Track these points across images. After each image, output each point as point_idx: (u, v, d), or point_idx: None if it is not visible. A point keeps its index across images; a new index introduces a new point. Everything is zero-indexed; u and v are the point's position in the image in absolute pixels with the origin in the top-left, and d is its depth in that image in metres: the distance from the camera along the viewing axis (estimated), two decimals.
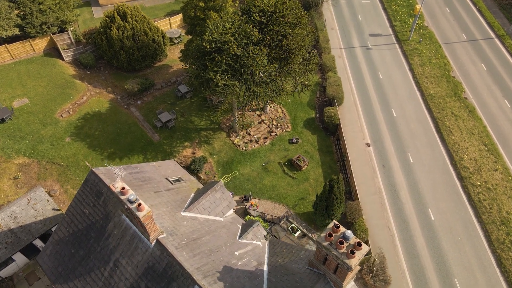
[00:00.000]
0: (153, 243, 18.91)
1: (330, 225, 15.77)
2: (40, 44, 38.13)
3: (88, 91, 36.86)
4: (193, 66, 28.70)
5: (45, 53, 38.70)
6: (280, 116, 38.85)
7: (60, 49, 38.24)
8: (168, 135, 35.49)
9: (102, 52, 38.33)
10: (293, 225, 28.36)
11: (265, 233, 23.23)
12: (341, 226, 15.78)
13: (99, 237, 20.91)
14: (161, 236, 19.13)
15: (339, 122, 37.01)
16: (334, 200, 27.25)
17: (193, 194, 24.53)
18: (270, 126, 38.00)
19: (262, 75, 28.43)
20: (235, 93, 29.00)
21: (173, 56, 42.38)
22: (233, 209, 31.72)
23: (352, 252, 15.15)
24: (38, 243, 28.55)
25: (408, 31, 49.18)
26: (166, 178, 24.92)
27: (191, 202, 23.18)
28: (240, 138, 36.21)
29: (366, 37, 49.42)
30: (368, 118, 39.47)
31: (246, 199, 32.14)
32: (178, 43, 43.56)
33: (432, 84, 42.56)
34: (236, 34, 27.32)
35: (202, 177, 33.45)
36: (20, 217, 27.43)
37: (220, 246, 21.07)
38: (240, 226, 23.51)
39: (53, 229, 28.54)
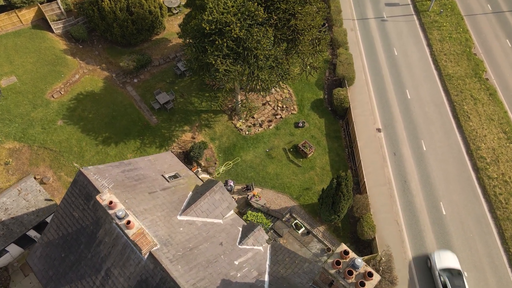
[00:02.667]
0: (145, 256, 17.55)
1: (339, 250, 14.22)
2: (28, 15, 35.11)
3: (81, 68, 34.36)
4: (192, 49, 26.03)
5: (33, 25, 35.77)
6: (286, 97, 36.37)
7: (49, 21, 35.28)
8: (166, 118, 33.38)
9: (94, 25, 35.35)
10: (296, 221, 26.97)
11: (267, 237, 21.82)
12: (350, 252, 14.23)
13: (89, 243, 19.61)
14: (154, 248, 17.74)
15: (349, 106, 34.55)
16: (341, 197, 25.60)
17: (191, 193, 22.92)
18: (275, 108, 35.66)
19: (268, 60, 25.79)
20: (237, 78, 26.51)
21: (172, 28, 39.23)
22: (235, 199, 30.39)
23: (362, 284, 13.68)
24: (33, 233, 27.55)
25: (428, 0, 45.08)
26: (162, 175, 23.21)
27: (189, 204, 21.61)
28: (243, 121, 34.05)
29: (381, 7, 45.48)
30: (380, 100, 36.89)
31: (248, 188, 30.60)
32: (177, 13, 40.19)
33: (451, 62, 39.39)
34: (239, 14, 24.39)
35: (203, 164, 31.77)
36: (11, 208, 26.21)
37: (219, 255, 19.73)
38: (241, 229, 22.07)
39: (47, 220, 27.53)
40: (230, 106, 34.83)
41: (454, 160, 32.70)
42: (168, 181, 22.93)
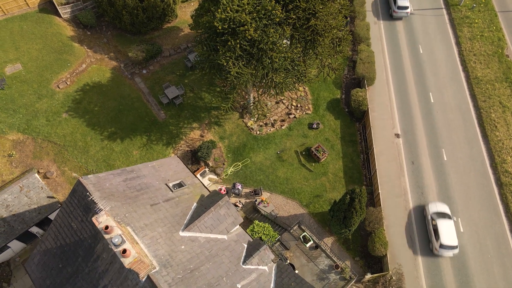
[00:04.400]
0: (143, 279, 16.63)
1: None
2: None
3: (88, 57, 32.92)
4: (203, 47, 24.28)
5: (40, 8, 34.18)
6: (301, 96, 34.50)
7: (56, 4, 33.65)
8: (175, 113, 32.01)
9: (103, 11, 33.61)
10: (305, 233, 25.77)
11: (272, 256, 20.71)
12: None
13: (87, 257, 18.79)
14: (153, 271, 16.80)
15: (367, 109, 32.58)
16: (354, 213, 24.21)
17: (195, 204, 21.79)
18: (289, 107, 33.90)
19: (284, 62, 23.95)
20: (250, 80, 24.81)
21: (184, 16, 37.22)
22: (242, 204, 29.29)
23: None
24: (35, 229, 27.06)
25: None
26: (166, 184, 22.06)
27: (192, 218, 20.51)
28: (255, 120, 32.47)
29: None
30: (400, 103, 34.74)
31: (256, 193, 29.39)
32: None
33: (481, 64, 36.71)
34: (255, 13, 22.42)
35: (210, 164, 30.55)
36: (12, 205, 25.59)
37: (221, 277, 18.73)
38: (246, 246, 20.96)
39: (49, 217, 26.94)
40: (242, 103, 33.21)
41: (476, 173, 30.78)
42: (172, 191, 21.80)
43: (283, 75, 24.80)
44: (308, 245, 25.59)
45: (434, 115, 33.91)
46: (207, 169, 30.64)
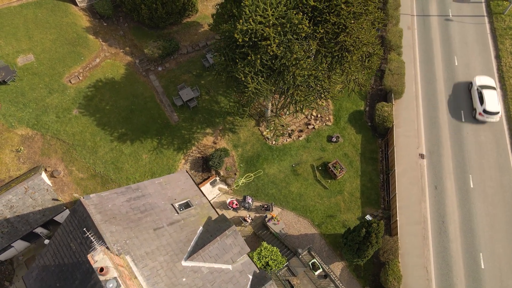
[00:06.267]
0: None
1: None
2: None
3: (102, 51, 31.53)
4: (221, 57, 22.54)
5: None
6: (322, 105, 32.48)
7: None
8: (188, 117, 30.61)
9: (120, 1, 31.96)
10: (314, 260, 24.48)
11: None
12: None
13: (84, 281, 17.94)
14: None
15: (392, 126, 30.47)
16: (369, 247, 22.72)
17: (201, 228, 20.64)
18: (309, 116, 32.05)
19: (307, 80, 22.09)
20: (269, 96, 23.09)
21: (205, 10, 35.20)
22: (251, 219, 28.08)
23: None
24: (39, 229, 26.59)
25: (505, 1, 38.36)
26: (172, 204, 20.91)
27: (197, 245, 19.42)
28: (271, 129, 30.81)
29: (448, 2, 39.23)
30: (428, 120, 32.43)
31: (267, 208, 28.11)
32: None
33: None
34: (279, 26, 20.44)
35: (222, 173, 29.28)
36: (16, 206, 25.02)
37: None
38: (251, 278, 19.82)
39: (54, 218, 26.39)
40: (259, 109, 31.52)
41: (505, 205, 28.64)
42: (178, 212, 20.66)
43: (305, 92, 22.94)
44: (317, 273, 24.34)
45: (464, 136, 31.57)
46: (217, 178, 29.43)
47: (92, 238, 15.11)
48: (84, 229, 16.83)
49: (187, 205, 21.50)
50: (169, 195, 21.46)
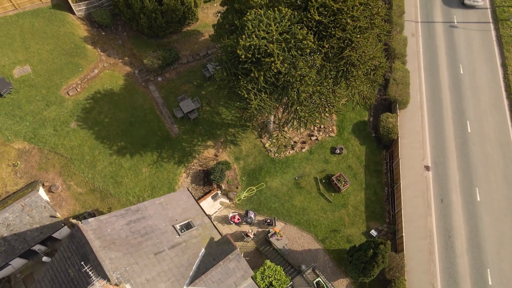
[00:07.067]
0: None
1: None
2: None
3: (101, 61, 30.83)
4: (223, 72, 21.88)
5: (53, 4, 31.94)
6: (325, 118, 31.81)
7: (70, 1, 31.36)
8: (189, 129, 29.96)
9: (119, 11, 31.22)
10: (319, 279, 23.90)
11: None
12: None
13: None
14: None
15: (397, 137, 29.86)
16: (375, 267, 22.15)
17: (203, 251, 20.04)
18: (311, 127, 31.40)
19: (312, 96, 21.47)
20: (272, 112, 22.46)
21: (205, 18, 34.47)
22: (254, 234, 27.50)
23: None
24: (36, 246, 25.97)
25: (511, 7, 37.70)
26: (173, 226, 20.30)
27: (199, 269, 18.84)
28: (274, 141, 30.21)
29: (453, 8, 38.49)
30: (434, 131, 31.81)
31: (270, 223, 27.51)
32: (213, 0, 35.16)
33: None
34: (283, 42, 19.77)
35: (223, 187, 28.67)
36: (13, 224, 24.40)
37: None
38: None
39: (53, 235, 25.79)
40: (261, 120, 30.87)
41: None
42: (179, 234, 20.07)
43: (309, 108, 22.31)
44: None
45: (470, 147, 30.96)
46: (219, 192, 28.82)
47: (90, 272, 14.48)
48: (82, 263, 16.18)
49: (188, 226, 20.90)
50: (170, 215, 20.85)
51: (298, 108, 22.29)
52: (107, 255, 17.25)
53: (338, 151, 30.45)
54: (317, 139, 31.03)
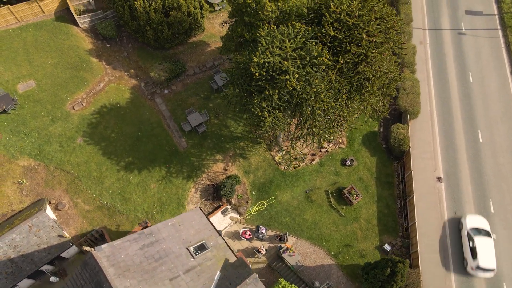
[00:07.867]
0: None
1: None
2: (51, 4, 30.67)
3: (106, 74, 30.28)
4: (235, 89, 21.38)
5: (56, 16, 31.37)
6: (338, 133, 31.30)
7: (74, 14, 30.79)
8: (197, 143, 29.44)
9: (124, 23, 30.67)
10: None
11: None
12: None
13: None
14: None
15: (409, 149, 29.43)
16: (393, 286, 21.68)
17: (218, 273, 19.52)
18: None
19: (326, 113, 21.00)
20: (285, 129, 21.98)
21: (212, 29, 33.96)
22: (265, 250, 26.99)
23: None
24: (44, 266, 25.40)
25: None
26: (187, 248, 19.76)
27: None
28: (283, 154, 29.71)
29: (460, 15, 38.16)
30: (445, 141, 31.38)
31: (281, 239, 27.02)
32: (220, 9, 34.65)
33: None
34: (298, 60, 19.29)
35: (233, 202, 28.16)
36: (21, 245, 23.82)
37: None
38: None
39: (61, 255, 25.22)
40: (271, 133, 30.33)
41: None
42: (194, 257, 19.54)
43: (323, 124, 21.84)
44: None
45: (482, 157, 30.55)
46: (229, 207, 28.30)
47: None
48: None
49: (202, 247, 20.35)
50: (183, 237, 20.31)
51: (312, 124, 21.82)
52: (121, 283, 16.72)
53: (348, 163, 30.00)
54: (327, 150, 30.58)
